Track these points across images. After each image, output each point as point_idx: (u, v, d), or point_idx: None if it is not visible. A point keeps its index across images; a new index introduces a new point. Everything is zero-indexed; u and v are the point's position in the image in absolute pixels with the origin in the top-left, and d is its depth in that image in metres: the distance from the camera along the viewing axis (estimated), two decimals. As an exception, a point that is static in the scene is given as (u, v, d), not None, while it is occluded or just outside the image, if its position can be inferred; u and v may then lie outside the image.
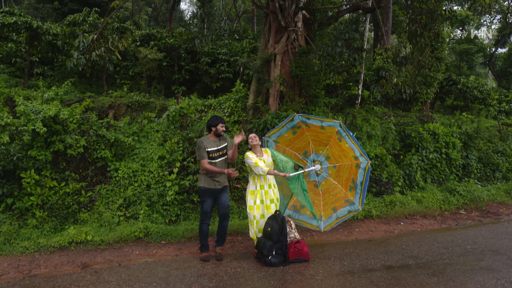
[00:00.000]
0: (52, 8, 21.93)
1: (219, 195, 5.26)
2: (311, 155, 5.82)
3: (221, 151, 5.29)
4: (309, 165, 5.72)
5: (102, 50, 8.30)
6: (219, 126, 5.27)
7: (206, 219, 5.22)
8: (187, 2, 44.00)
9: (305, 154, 5.89)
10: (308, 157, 5.85)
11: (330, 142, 5.55)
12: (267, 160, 5.30)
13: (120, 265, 5.00)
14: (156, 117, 9.00)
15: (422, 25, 7.74)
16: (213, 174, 5.17)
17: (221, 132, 5.31)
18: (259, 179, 5.31)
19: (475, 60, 28.75)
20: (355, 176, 5.55)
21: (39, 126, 5.91)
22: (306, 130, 5.71)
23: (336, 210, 5.80)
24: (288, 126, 5.80)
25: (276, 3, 9.21)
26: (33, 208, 6.08)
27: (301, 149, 5.95)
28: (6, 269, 4.84)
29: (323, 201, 5.82)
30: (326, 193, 5.86)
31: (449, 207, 8.34)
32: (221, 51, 14.03)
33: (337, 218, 5.82)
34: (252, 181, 5.35)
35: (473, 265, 5.14)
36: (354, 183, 5.60)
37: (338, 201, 5.78)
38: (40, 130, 5.87)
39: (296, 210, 6.11)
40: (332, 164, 5.74)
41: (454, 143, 9.83)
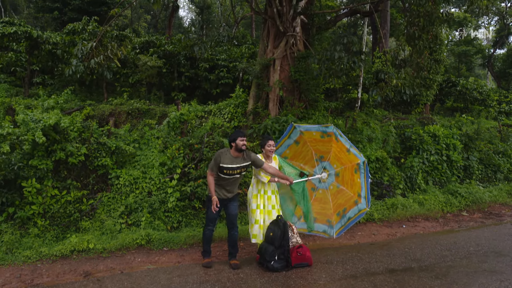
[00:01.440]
0: (51, 18, 22.09)
1: (228, 204, 5.11)
2: (326, 162, 5.60)
3: (240, 169, 4.98)
4: (318, 171, 5.61)
5: (101, 57, 8.34)
6: (238, 140, 4.85)
7: (210, 225, 5.18)
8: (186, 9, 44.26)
9: (321, 158, 5.66)
10: (322, 162, 5.64)
11: (332, 148, 5.49)
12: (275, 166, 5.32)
13: (122, 273, 4.99)
14: (156, 124, 9.02)
15: (420, 28, 7.79)
16: (222, 186, 5.03)
17: (242, 147, 4.86)
18: (263, 184, 5.29)
19: (474, 62, 28.83)
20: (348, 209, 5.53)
21: (39, 135, 5.91)
22: (308, 141, 5.63)
23: (346, 212, 5.68)
24: (287, 143, 5.74)
25: (274, 8, 9.28)
26: (34, 217, 6.07)
27: (319, 152, 5.69)
28: (8, 278, 4.83)
29: (332, 203, 5.68)
30: (317, 201, 5.75)
31: (451, 209, 8.31)
32: (220, 57, 14.10)
33: (348, 219, 5.63)
34: (255, 185, 5.34)
35: (476, 267, 5.11)
36: (344, 213, 5.56)
37: (321, 215, 5.70)
38: (40, 140, 5.87)
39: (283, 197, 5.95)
40: (337, 183, 5.65)
41: (455, 144, 9.83)
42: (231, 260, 5.18)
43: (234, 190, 5.17)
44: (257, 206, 5.24)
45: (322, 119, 9.07)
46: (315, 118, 8.96)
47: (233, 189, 5.14)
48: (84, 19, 12.89)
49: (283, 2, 9.18)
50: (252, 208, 5.27)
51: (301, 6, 9.46)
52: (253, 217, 5.25)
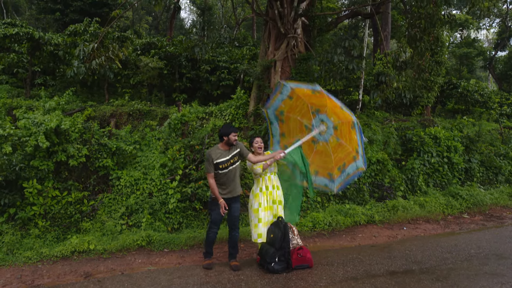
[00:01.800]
0: (53, 19, 22.14)
1: (230, 204, 5.10)
2: (323, 115, 5.40)
3: (233, 159, 5.10)
4: (316, 123, 5.43)
5: (102, 58, 8.36)
6: (232, 135, 5.02)
7: (214, 227, 5.16)
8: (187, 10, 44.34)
9: (317, 111, 5.47)
10: (319, 114, 5.45)
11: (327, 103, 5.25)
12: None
13: (123, 274, 4.99)
14: (157, 125, 9.03)
15: (421, 30, 7.79)
16: (223, 184, 5.06)
17: (233, 142, 5.06)
18: (264, 180, 5.28)
19: (475, 64, 28.81)
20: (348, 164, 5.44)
21: (42, 139, 5.92)
22: (301, 96, 5.45)
23: (317, 175, 5.71)
24: (280, 98, 5.52)
25: (276, 10, 9.29)
26: (35, 218, 6.08)
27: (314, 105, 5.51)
28: (9, 279, 4.84)
29: (311, 159, 5.66)
30: (318, 154, 5.68)
31: (452, 211, 8.30)
32: (222, 59, 14.12)
33: (348, 174, 5.62)
34: (256, 184, 5.33)
35: (477, 270, 5.10)
36: (343, 168, 5.50)
37: (323, 168, 5.66)
38: (43, 145, 5.88)
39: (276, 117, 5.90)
40: (337, 136, 5.48)
41: (456, 147, 9.82)
42: (231, 261, 5.18)
43: (236, 188, 5.15)
44: (259, 205, 5.20)
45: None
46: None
47: (234, 186, 5.13)
48: (85, 20, 12.91)
49: (284, 4, 9.19)
50: (255, 208, 5.24)
51: (302, 8, 9.47)
52: (256, 216, 5.20)
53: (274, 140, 5.94)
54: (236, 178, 5.18)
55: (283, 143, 5.88)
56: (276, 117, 5.78)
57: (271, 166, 5.29)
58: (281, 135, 5.88)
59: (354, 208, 7.57)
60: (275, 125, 5.83)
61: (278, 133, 5.88)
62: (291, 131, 5.79)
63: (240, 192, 5.26)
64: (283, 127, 5.82)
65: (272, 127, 5.85)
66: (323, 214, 7.28)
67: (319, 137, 5.56)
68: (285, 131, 5.85)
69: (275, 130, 5.86)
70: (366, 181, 8.32)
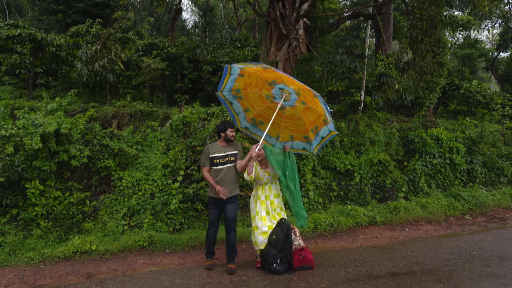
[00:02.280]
0: (55, 20, 22.22)
1: (224, 205, 5.06)
2: (281, 84, 5.20)
3: (228, 158, 5.08)
4: (276, 92, 5.26)
5: (105, 60, 8.39)
6: (228, 131, 5.10)
7: (212, 226, 5.18)
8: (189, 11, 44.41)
9: (274, 82, 5.26)
10: (276, 85, 5.24)
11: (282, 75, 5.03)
12: (271, 172, 5.19)
13: (125, 275, 5.00)
14: (159, 126, 9.04)
15: (423, 31, 7.78)
16: (218, 183, 5.02)
17: (231, 138, 5.12)
18: (263, 189, 5.23)
19: (478, 65, 28.76)
20: (320, 127, 5.39)
21: (36, 141, 5.91)
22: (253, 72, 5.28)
23: (293, 139, 5.70)
24: (232, 78, 5.32)
25: (277, 11, 9.31)
26: (37, 219, 6.09)
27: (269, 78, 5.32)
28: (11, 280, 4.85)
29: (283, 124, 5.66)
30: (289, 119, 5.62)
31: (454, 212, 8.28)
32: (223, 60, 14.13)
33: (322, 138, 5.68)
34: (255, 190, 5.31)
35: (479, 271, 5.09)
36: (316, 130, 5.45)
37: (297, 132, 5.63)
38: (36, 146, 5.86)
39: (254, 125, 5.88)
40: (302, 100, 5.32)
41: (458, 148, 9.80)
42: (227, 263, 5.15)
43: (230, 188, 5.05)
44: (256, 213, 5.17)
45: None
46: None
47: (230, 187, 5.04)
48: (87, 21, 12.95)
49: (286, 5, 9.21)
50: (252, 215, 5.24)
51: (304, 9, 9.49)
52: (252, 223, 5.22)
53: (240, 117, 5.82)
54: (231, 178, 5.10)
55: (250, 116, 5.80)
56: (234, 96, 5.61)
57: (273, 178, 5.23)
58: (245, 110, 5.76)
59: (355, 209, 7.56)
60: (235, 104, 5.69)
61: (241, 110, 5.76)
62: (254, 104, 5.68)
63: (236, 193, 5.17)
64: (244, 103, 5.68)
65: (233, 106, 5.73)
66: (325, 215, 7.28)
67: (284, 103, 5.39)
68: (248, 106, 5.72)
69: (237, 108, 5.74)
70: (368, 182, 8.31)
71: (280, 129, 5.76)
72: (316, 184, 7.82)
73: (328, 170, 8.33)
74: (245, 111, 5.76)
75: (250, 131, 5.95)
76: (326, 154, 8.41)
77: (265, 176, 5.22)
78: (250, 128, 5.95)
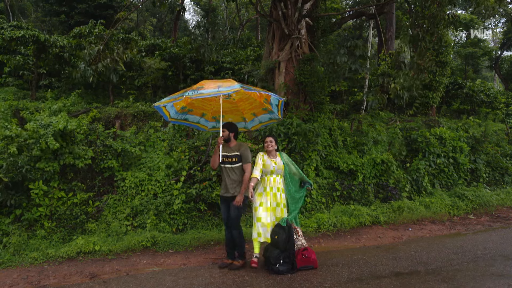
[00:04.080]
0: (58, 21, 22.30)
1: (228, 203, 5.15)
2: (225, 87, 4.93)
3: (231, 158, 5.16)
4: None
5: (108, 61, 8.41)
6: (222, 132, 5.23)
7: (225, 225, 5.29)
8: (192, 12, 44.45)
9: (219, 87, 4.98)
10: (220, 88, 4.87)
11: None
12: (278, 163, 5.27)
13: (128, 275, 5.01)
14: (162, 127, 9.06)
15: (424, 30, 7.75)
16: (222, 179, 5.21)
17: (225, 137, 5.20)
18: (268, 181, 5.26)
19: (481, 64, 28.60)
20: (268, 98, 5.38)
21: (51, 141, 5.99)
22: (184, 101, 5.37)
23: (256, 115, 5.79)
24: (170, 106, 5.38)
25: (280, 11, 9.30)
26: (41, 219, 6.12)
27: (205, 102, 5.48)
28: (15, 280, 4.87)
29: (240, 108, 5.71)
30: (240, 102, 5.64)
31: (458, 212, 8.25)
32: (226, 60, 14.15)
33: (260, 122, 5.86)
34: (261, 183, 5.32)
35: (483, 271, 5.06)
36: (268, 101, 5.45)
37: (256, 108, 5.68)
38: (54, 146, 5.96)
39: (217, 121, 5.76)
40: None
41: (462, 147, 9.76)
42: (227, 259, 5.26)
43: (233, 188, 5.11)
44: (260, 204, 5.19)
45: (328, 121, 9.06)
46: (321, 120, 8.94)
47: (233, 186, 5.11)
48: (90, 22, 13.00)
49: (288, 4, 9.20)
50: (255, 206, 5.23)
51: (306, 8, 9.47)
52: (255, 215, 5.20)
53: (202, 122, 5.89)
54: (233, 179, 5.13)
55: (210, 116, 5.83)
56: (184, 113, 5.65)
57: (279, 168, 5.28)
58: (201, 116, 5.81)
59: (359, 209, 7.54)
60: (190, 117, 5.74)
61: (198, 118, 5.82)
62: (205, 107, 5.68)
63: (236, 193, 5.12)
64: (197, 111, 5.72)
65: (189, 120, 5.78)
66: (328, 215, 7.27)
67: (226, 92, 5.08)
68: (201, 111, 5.75)
69: (194, 119, 5.80)
70: (371, 182, 8.29)
71: (241, 113, 5.82)
72: (319, 184, 7.80)
73: (331, 170, 8.32)
74: (202, 116, 5.83)
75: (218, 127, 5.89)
76: (329, 154, 8.40)
77: (271, 165, 5.25)
78: (217, 125, 5.92)
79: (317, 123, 8.62)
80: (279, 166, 5.27)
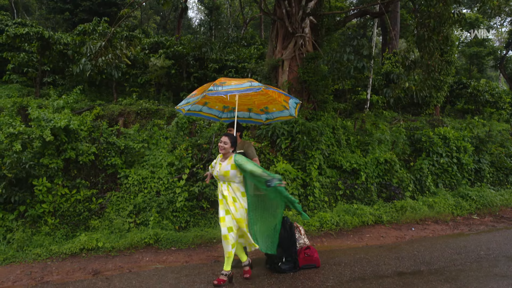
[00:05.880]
0: (62, 19, 22.37)
1: None
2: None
3: None
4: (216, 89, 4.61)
5: (109, 56, 8.41)
6: (228, 130, 5.19)
7: None
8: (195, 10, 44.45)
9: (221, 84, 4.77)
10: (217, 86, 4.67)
11: None
12: (223, 168, 4.47)
13: (131, 272, 5.02)
14: (165, 124, 9.07)
15: (430, 29, 7.70)
16: None
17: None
18: (222, 187, 4.57)
19: (486, 63, 28.44)
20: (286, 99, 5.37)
21: (47, 133, 5.99)
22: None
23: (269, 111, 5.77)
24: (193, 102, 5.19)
25: (283, 9, 9.27)
26: (45, 215, 6.15)
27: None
28: (19, 276, 4.89)
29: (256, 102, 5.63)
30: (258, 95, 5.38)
31: (462, 212, 8.21)
32: (229, 58, 14.15)
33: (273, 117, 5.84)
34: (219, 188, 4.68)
35: (487, 272, 5.04)
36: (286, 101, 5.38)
37: (271, 103, 5.61)
38: (47, 138, 5.95)
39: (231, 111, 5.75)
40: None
41: (466, 147, 9.71)
42: None
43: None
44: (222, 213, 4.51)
45: (331, 120, 9.03)
46: (324, 119, 8.92)
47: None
48: (94, 20, 13.03)
49: (292, 3, 9.16)
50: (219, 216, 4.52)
51: (310, 7, 9.43)
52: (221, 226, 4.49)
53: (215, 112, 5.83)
54: None
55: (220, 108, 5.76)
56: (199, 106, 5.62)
57: (221, 174, 4.50)
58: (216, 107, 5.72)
59: (361, 208, 7.53)
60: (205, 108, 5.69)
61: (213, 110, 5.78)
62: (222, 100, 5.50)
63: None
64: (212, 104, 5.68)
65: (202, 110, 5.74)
66: (331, 214, 7.26)
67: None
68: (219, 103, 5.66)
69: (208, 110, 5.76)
70: (374, 181, 8.27)
71: (256, 106, 5.76)
72: (322, 183, 7.79)
73: (334, 169, 8.30)
74: (217, 108, 5.79)
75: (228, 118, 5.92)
76: (332, 153, 8.38)
77: (215, 169, 4.61)
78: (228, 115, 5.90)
79: (321, 122, 8.59)
80: (222, 172, 4.47)
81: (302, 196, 7.47)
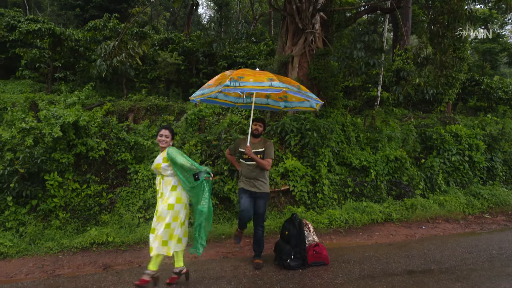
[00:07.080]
0: (74, 15, 22.57)
1: (255, 199, 4.90)
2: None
3: (256, 155, 4.80)
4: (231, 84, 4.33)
5: (123, 56, 8.46)
6: (252, 125, 4.93)
7: (246, 222, 5.03)
8: (205, 6, 44.40)
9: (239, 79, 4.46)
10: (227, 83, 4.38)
11: None
12: (157, 160, 4.35)
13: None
14: (174, 120, 9.11)
15: (444, 26, 7.57)
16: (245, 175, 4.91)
17: (254, 131, 4.92)
18: (160, 182, 4.41)
19: (499, 60, 27.95)
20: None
21: (56, 130, 6.04)
22: None
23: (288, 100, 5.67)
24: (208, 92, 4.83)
25: (294, 5, 9.20)
26: (56, 210, 6.23)
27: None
28: (31, 268, 4.97)
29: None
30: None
31: (473, 211, 8.10)
32: (239, 54, 14.12)
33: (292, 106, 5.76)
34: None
35: (499, 271, 4.97)
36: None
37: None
38: (56, 134, 6.01)
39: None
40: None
41: (478, 145, 9.56)
42: (254, 258, 5.09)
43: (256, 185, 4.86)
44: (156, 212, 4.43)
45: (341, 117, 8.97)
46: (334, 116, 8.86)
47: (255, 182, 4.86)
48: (105, 16, 13.11)
49: (303, -2, 9.10)
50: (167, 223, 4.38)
51: (321, 3, 9.35)
52: None
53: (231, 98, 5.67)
54: (256, 175, 4.88)
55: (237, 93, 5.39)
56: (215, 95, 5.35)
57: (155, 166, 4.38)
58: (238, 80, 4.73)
59: (371, 205, 7.47)
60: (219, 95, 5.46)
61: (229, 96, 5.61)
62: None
63: (263, 191, 4.91)
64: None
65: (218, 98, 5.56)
66: (340, 211, 7.22)
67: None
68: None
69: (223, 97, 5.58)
70: (383, 179, 8.19)
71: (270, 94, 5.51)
72: (331, 180, 7.74)
73: (344, 166, 8.24)
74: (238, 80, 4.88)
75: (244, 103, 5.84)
76: (342, 150, 8.32)
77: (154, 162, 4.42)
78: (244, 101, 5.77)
79: (331, 119, 8.53)
80: (155, 164, 4.36)
81: (311, 193, 7.43)
